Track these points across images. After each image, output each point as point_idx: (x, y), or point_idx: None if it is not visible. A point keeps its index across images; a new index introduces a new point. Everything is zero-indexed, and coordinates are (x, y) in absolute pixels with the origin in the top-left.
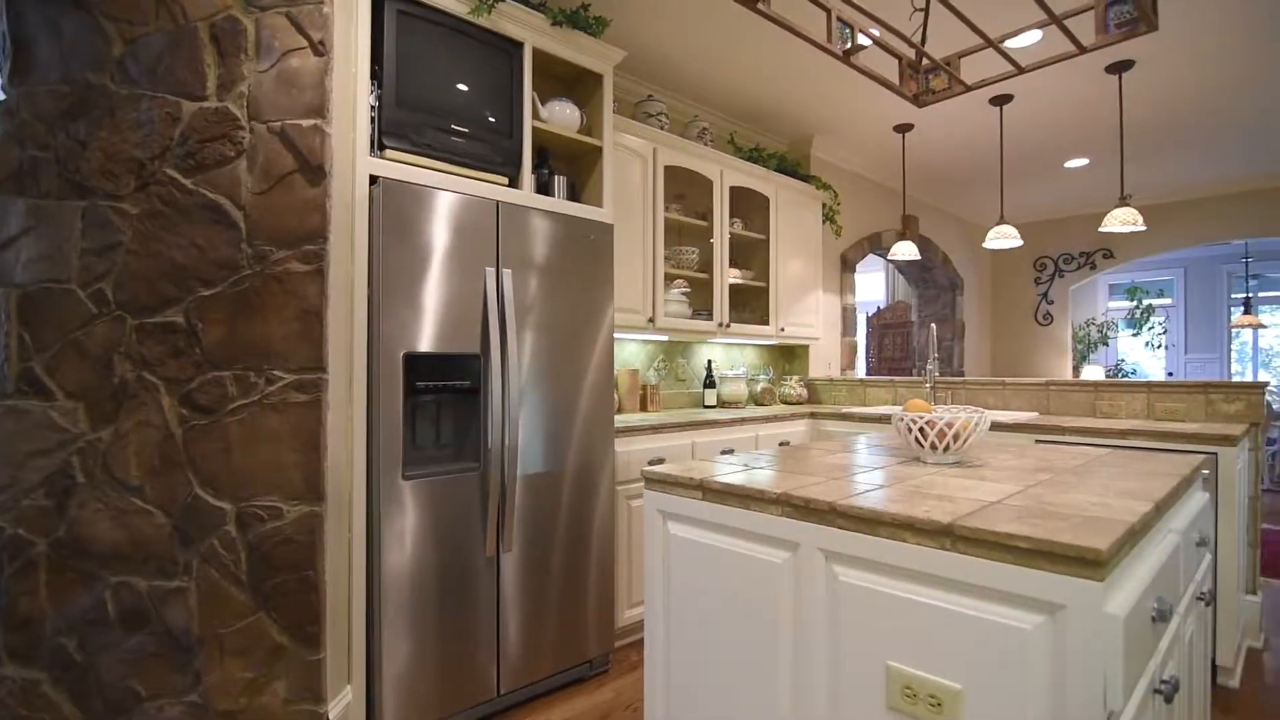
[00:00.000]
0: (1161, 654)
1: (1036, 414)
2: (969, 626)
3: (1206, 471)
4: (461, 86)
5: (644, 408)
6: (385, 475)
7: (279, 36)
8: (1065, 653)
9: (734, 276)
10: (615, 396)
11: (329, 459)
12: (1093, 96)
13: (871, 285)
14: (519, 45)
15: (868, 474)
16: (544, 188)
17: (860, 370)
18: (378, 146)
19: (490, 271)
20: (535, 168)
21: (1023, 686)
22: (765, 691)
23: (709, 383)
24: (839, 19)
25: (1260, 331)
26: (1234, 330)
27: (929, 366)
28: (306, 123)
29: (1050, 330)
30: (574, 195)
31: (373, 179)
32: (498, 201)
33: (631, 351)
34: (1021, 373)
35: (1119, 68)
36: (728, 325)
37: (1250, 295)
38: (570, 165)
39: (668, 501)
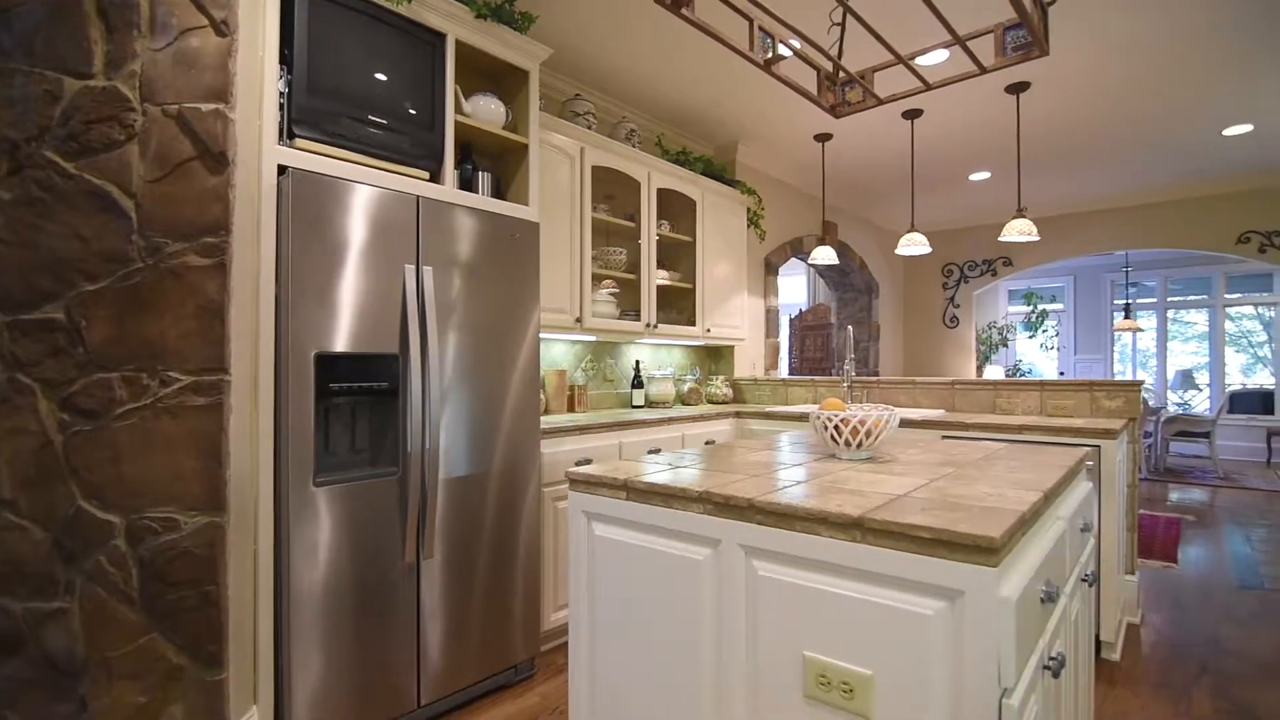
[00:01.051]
0: (1050, 633)
1: (943, 411)
2: (877, 614)
3: (1091, 463)
4: (380, 76)
5: (571, 408)
6: (295, 482)
7: (177, 13)
8: (963, 635)
9: (661, 278)
10: (541, 397)
11: (232, 466)
12: (994, 115)
13: (794, 288)
14: (441, 37)
15: (786, 471)
16: (467, 184)
17: (783, 370)
18: (287, 135)
19: (410, 269)
20: (458, 163)
21: (926, 669)
22: (688, 687)
23: (637, 383)
24: (760, 29)
25: (1138, 335)
26: (1116, 333)
27: (846, 367)
28: (207, 107)
29: (956, 332)
30: (499, 193)
31: (281, 169)
32: (418, 196)
33: (559, 352)
34: (931, 372)
35: (1017, 89)
36: (655, 326)
37: (1129, 302)
38: (495, 162)
39: (592, 502)
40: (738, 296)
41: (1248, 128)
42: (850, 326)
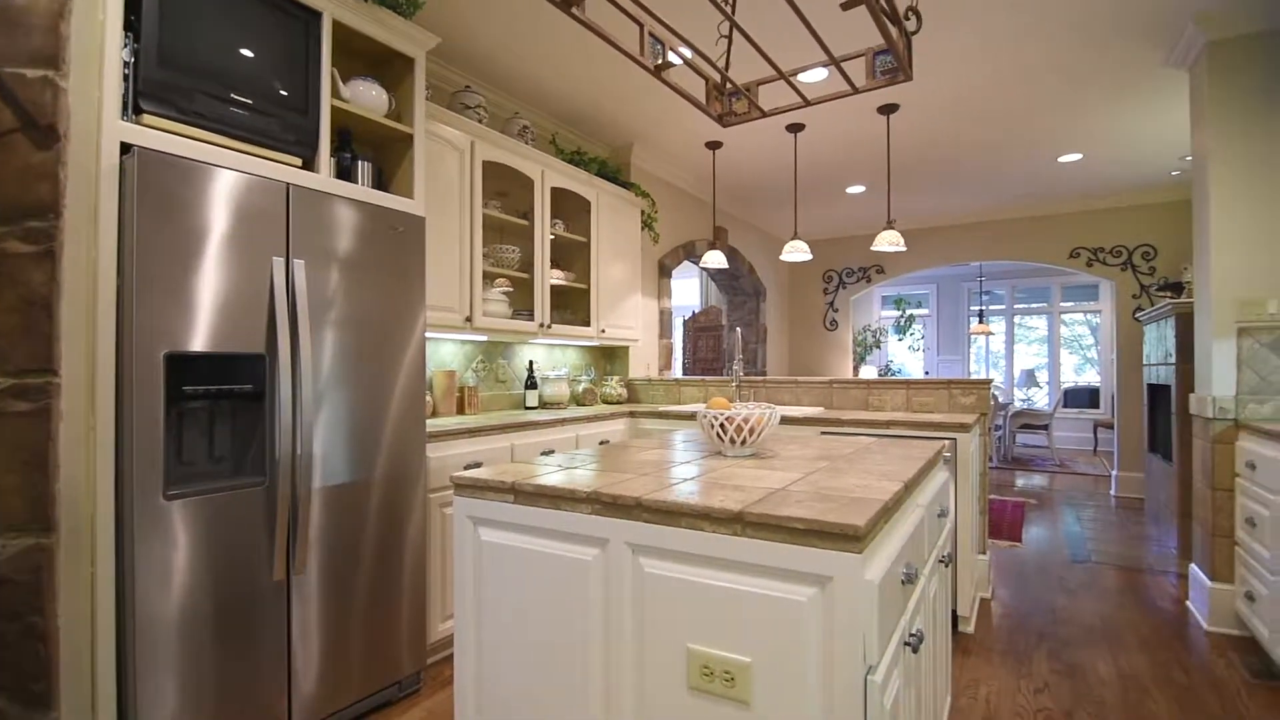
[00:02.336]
0: (910, 611)
1: (822, 408)
2: (756, 604)
3: (948, 454)
4: (245, 52)
5: (461, 410)
6: (141, 496)
7: None
8: (833, 618)
9: (556, 277)
10: (429, 399)
11: (62, 479)
12: (868, 133)
13: (687, 290)
14: (317, 15)
15: (674, 469)
16: (346, 173)
17: (677, 370)
18: (133, 110)
19: (279, 262)
20: (335, 151)
21: (800, 652)
22: (577, 689)
23: (530, 384)
24: (651, 35)
25: (990, 338)
26: (972, 336)
27: (734, 367)
28: (32, 73)
29: (835, 334)
30: (381, 184)
31: (125, 148)
32: (288, 184)
33: (448, 352)
34: (813, 372)
35: (887, 110)
36: (549, 326)
37: (983, 308)
38: (377, 152)
39: (479, 507)
40: (632, 298)
41: (1078, 156)
42: (739, 328)
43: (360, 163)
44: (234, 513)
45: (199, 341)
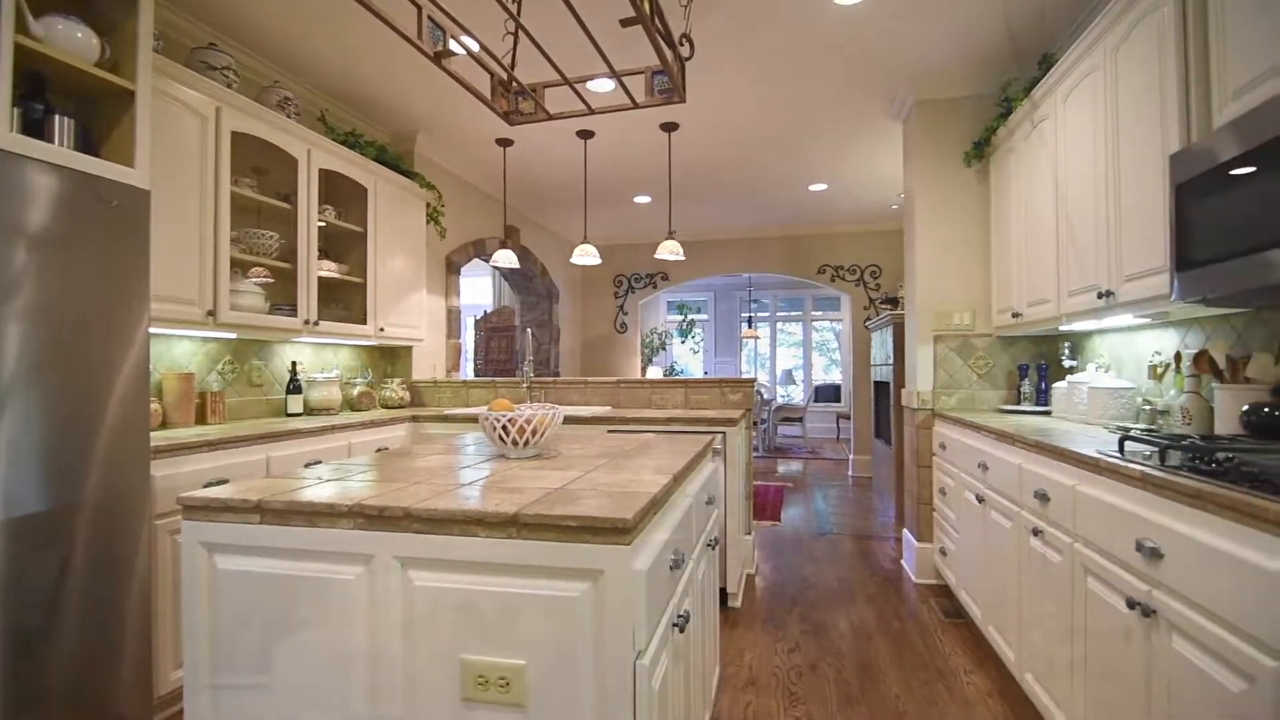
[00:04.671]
0: (678, 595)
1: (610, 407)
2: (532, 605)
3: (719, 446)
4: None
5: (202, 420)
6: None
7: None
8: (605, 610)
9: (326, 269)
10: (157, 407)
11: None
12: (652, 147)
13: (479, 289)
14: None
15: (452, 474)
16: (37, 128)
17: (467, 372)
18: None
19: None
20: (21, 99)
21: (574, 647)
22: None
23: (294, 388)
24: (430, 19)
25: (757, 341)
26: (743, 340)
27: (525, 368)
28: None
29: (625, 337)
30: (91, 148)
31: None
32: None
33: (185, 351)
34: (604, 373)
35: (669, 127)
36: (316, 323)
37: (751, 315)
38: (85, 107)
39: (215, 531)
40: (416, 294)
41: (824, 186)
42: (532, 329)
43: (59, 118)
44: None
45: None
